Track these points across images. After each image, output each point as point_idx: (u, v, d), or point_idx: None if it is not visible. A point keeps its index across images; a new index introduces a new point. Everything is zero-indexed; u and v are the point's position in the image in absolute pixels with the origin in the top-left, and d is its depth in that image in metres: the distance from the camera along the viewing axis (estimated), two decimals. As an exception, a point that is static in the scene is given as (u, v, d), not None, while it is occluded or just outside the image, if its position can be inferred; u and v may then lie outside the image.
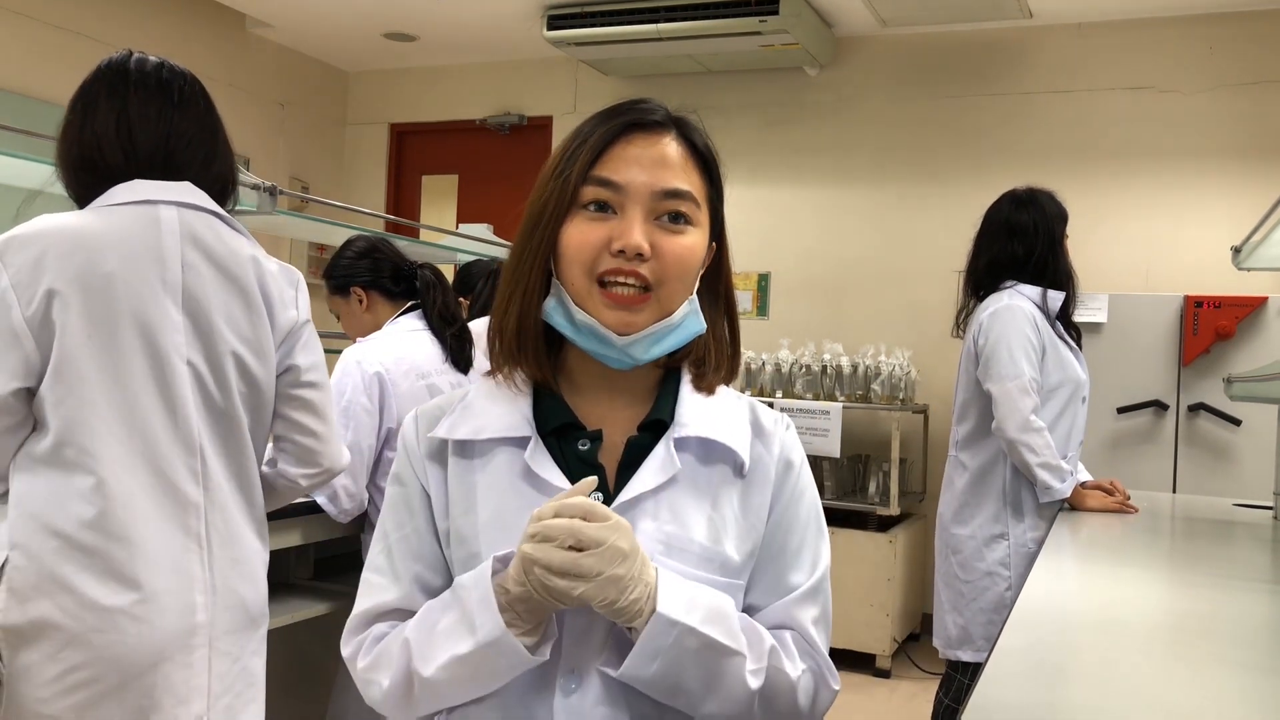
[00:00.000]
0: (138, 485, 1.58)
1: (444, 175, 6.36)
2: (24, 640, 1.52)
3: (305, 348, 1.80)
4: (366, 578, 1.08)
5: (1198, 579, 1.90)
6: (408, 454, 1.08)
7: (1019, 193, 2.78)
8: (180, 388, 1.62)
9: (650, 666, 0.94)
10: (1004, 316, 2.65)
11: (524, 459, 1.02)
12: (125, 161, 1.64)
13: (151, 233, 1.62)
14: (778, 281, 5.43)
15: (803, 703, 1.02)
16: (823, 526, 1.11)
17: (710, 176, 1.08)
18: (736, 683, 0.98)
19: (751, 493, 1.06)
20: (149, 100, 1.65)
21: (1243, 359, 4.12)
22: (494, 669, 0.96)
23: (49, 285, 1.53)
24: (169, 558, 1.60)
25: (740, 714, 0.99)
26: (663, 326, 1.02)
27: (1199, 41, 4.72)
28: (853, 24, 5.10)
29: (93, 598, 1.53)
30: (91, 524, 1.54)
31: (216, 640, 1.65)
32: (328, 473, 1.86)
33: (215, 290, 1.67)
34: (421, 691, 1.00)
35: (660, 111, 1.06)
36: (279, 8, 5.30)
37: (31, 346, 1.53)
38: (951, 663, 2.78)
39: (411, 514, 1.07)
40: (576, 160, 1.02)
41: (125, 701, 1.55)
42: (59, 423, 1.54)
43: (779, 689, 1.01)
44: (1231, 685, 1.21)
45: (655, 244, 1.01)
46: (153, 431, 1.60)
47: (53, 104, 4.54)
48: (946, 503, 2.82)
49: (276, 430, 1.80)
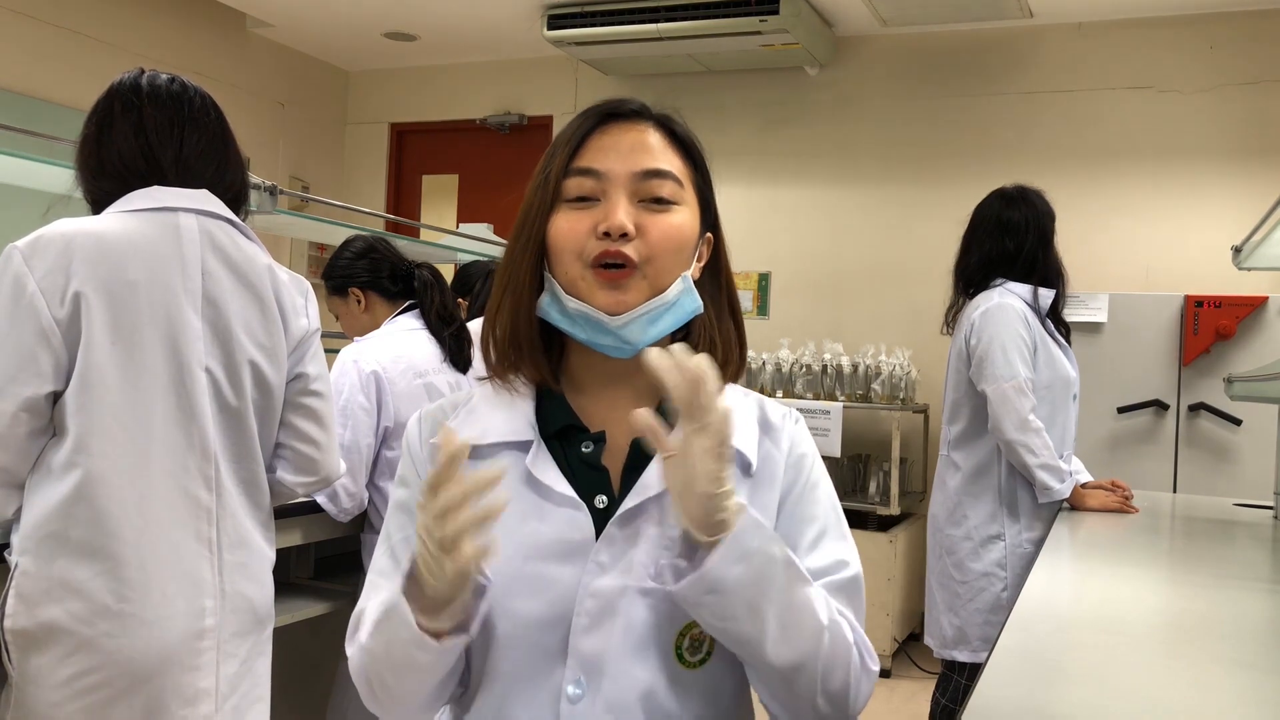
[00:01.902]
0: (152, 492, 1.59)
1: (444, 175, 6.36)
2: (33, 644, 1.53)
3: (314, 357, 1.83)
4: (371, 579, 1.07)
5: (1198, 579, 1.90)
6: (411, 457, 1.08)
7: (1009, 190, 2.78)
8: (199, 395, 1.64)
9: (733, 569, 0.89)
10: (996, 315, 2.63)
11: (525, 464, 1.01)
12: (147, 170, 1.66)
13: (172, 239, 1.63)
14: (778, 281, 5.43)
15: (852, 678, 0.97)
16: (843, 523, 1.07)
17: (694, 162, 1.08)
18: (809, 613, 0.94)
19: (760, 491, 1.04)
20: (162, 113, 1.68)
21: (1243, 359, 4.11)
22: (394, 637, 0.94)
23: (76, 288, 1.54)
24: (180, 563, 1.61)
25: (807, 657, 0.94)
26: (657, 304, 1.01)
27: (1200, 41, 4.72)
28: (853, 23, 5.10)
29: (102, 603, 1.53)
30: (103, 530, 1.54)
31: (225, 643, 1.66)
32: (324, 481, 1.88)
33: (234, 297, 1.69)
34: (371, 678, 0.99)
35: (635, 102, 1.07)
36: (279, 7, 5.30)
37: (60, 348, 1.53)
38: (948, 663, 2.77)
39: (413, 518, 1.05)
40: (557, 157, 1.03)
41: (134, 705, 1.56)
42: (78, 429, 1.54)
43: (841, 645, 0.96)
44: (1231, 685, 1.21)
45: (640, 223, 1.00)
46: (170, 439, 1.61)
47: (53, 104, 4.55)
48: (939, 503, 2.80)
49: (279, 437, 1.81)
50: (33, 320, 1.52)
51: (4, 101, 4.34)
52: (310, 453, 1.83)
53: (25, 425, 1.53)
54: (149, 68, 1.77)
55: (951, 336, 2.83)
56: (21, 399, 1.51)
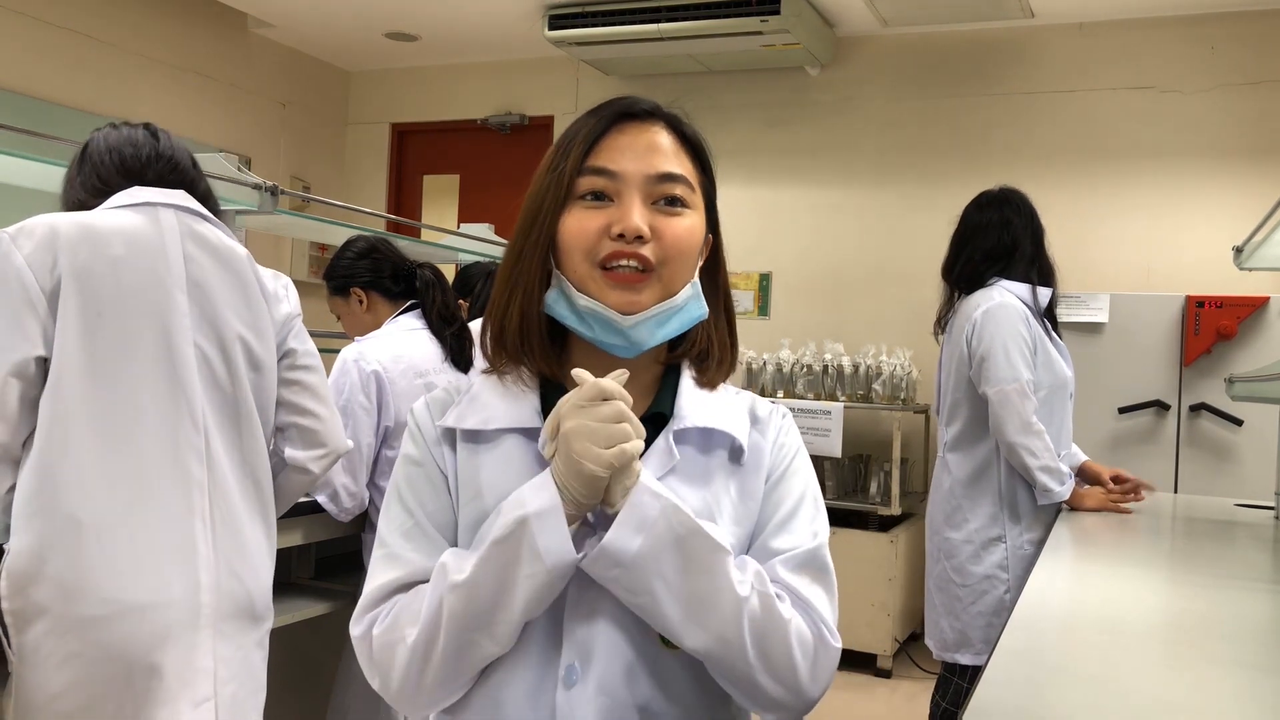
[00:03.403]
0: (142, 465, 1.61)
1: (445, 175, 6.36)
2: (29, 624, 1.54)
3: (299, 335, 1.89)
4: (389, 553, 1.03)
5: (1198, 579, 1.90)
6: (423, 436, 1.07)
7: (995, 191, 2.78)
8: (186, 368, 1.67)
9: (634, 540, 0.93)
10: (997, 316, 2.62)
11: (537, 449, 1.02)
12: (125, 181, 1.75)
13: (153, 229, 1.69)
14: (779, 281, 5.43)
15: (798, 648, 0.98)
16: (820, 505, 1.10)
17: (701, 165, 1.09)
18: (725, 586, 0.95)
19: (748, 478, 1.07)
20: (135, 135, 1.80)
21: (1244, 359, 4.11)
22: (532, 551, 0.93)
23: (62, 266, 1.59)
24: (172, 537, 1.62)
25: (727, 632, 0.95)
26: (667, 308, 1.03)
27: (1201, 41, 4.72)
28: (854, 24, 5.10)
29: (96, 581, 1.55)
30: (89, 505, 1.56)
31: (220, 622, 1.67)
32: (333, 453, 1.92)
33: (217, 279, 1.75)
34: (450, 622, 0.95)
35: (648, 103, 1.08)
36: (280, 8, 5.30)
37: (47, 317, 1.57)
38: (948, 665, 2.76)
39: (435, 490, 1.04)
40: (570, 154, 1.03)
41: (133, 682, 1.57)
42: (59, 404, 1.57)
43: (772, 620, 0.97)
44: (1232, 685, 1.20)
45: (655, 226, 1.01)
46: (158, 410, 1.64)
47: (53, 104, 4.56)
48: (937, 505, 2.78)
49: (278, 418, 1.85)
50: (20, 290, 1.56)
51: (4, 101, 4.34)
52: (312, 425, 1.88)
53: (15, 391, 1.55)
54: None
55: (944, 337, 2.82)
56: (11, 365, 1.55)
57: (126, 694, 1.56)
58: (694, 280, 1.06)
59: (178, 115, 5.11)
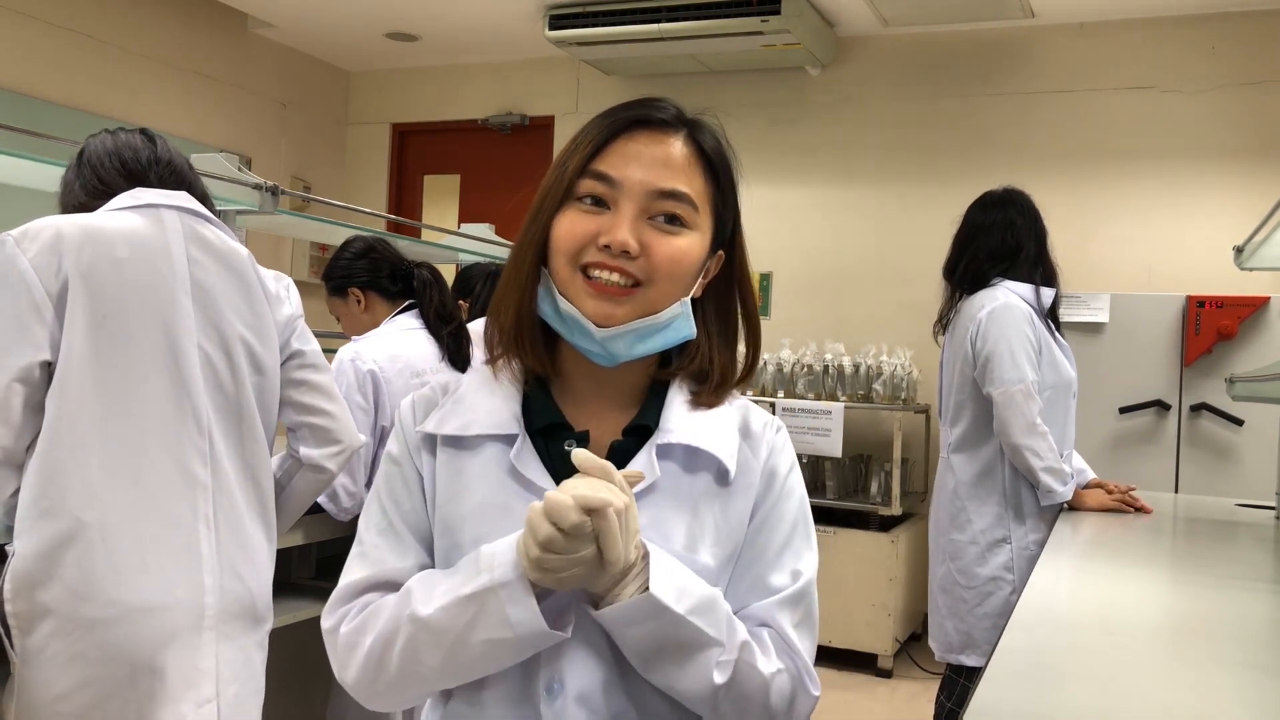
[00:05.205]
0: (146, 468, 1.61)
1: (446, 175, 6.36)
2: (34, 626, 1.54)
3: (303, 336, 1.89)
4: (363, 550, 1.05)
5: (1200, 580, 1.90)
6: (405, 436, 1.07)
7: (999, 191, 2.77)
8: (190, 371, 1.67)
9: (626, 630, 0.94)
10: (1003, 316, 2.61)
11: (510, 458, 1.01)
12: (127, 183, 1.75)
13: (157, 231, 1.69)
14: (779, 281, 5.43)
15: (775, 703, 0.99)
16: (810, 531, 1.07)
17: (717, 182, 1.06)
18: (704, 671, 0.95)
19: (735, 499, 1.03)
20: (133, 140, 1.80)
21: (1245, 359, 4.11)
22: (500, 618, 0.91)
23: (65, 271, 1.58)
24: (177, 539, 1.62)
25: (700, 698, 0.97)
26: (647, 324, 1.01)
27: (1201, 41, 4.72)
28: (855, 24, 5.09)
29: (98, 583, 1.54)
30: (94, 507, 1.56)
31: (223, 624, 1.67)
32: (348, 449, 1.93)
33: (220, 281, 1.75)
34: (405, 647, 0.95)
35: (671, 110, 1.04)
36: (281, 8, 5.30)
37: (53, 321, 1.57)
38: (953, 666, 2.75)
39: (410, 492, 1.05)
40: (577, 153, 1.02)
41: (136, 683, 1.57)
42: (65, 406, 1.57)
43: (749, 686, 0.97)
44: (1233, 686, 1.20)
45: (646, 242, 0.99)
46: (164, 414, 1.64)
47: (53, 104, 4.55)
48: (941, 506, 2.77)
49: (289, 419, 1.86)
50: (25, 294, 1.55)
51: (4, 101, 4.34)
52: (324, 423, 1.88)
53: (20, 396, 1.55)
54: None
55: (946, 338, 2.81)
56: (16, 370, 1.54)
57: (130, 695, 1.56)
58: (684, 300, 1.03)
59: (178, 115, 5.11)
